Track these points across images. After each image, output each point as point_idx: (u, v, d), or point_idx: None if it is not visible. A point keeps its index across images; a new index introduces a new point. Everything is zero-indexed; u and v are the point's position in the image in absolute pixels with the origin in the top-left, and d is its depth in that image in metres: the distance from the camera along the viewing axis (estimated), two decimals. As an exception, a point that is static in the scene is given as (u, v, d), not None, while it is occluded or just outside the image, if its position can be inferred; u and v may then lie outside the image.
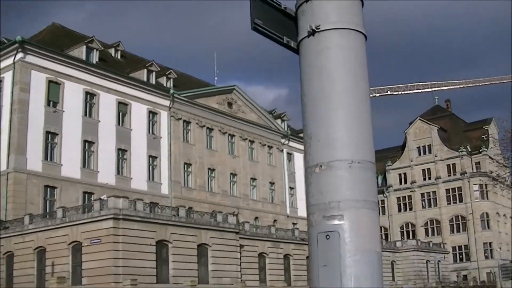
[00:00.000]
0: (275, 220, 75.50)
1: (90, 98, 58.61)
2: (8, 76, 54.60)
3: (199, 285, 45.13)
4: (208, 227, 48.42)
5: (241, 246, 53.06)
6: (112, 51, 69.08)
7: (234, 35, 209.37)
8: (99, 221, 41.36)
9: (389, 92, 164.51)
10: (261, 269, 56.32)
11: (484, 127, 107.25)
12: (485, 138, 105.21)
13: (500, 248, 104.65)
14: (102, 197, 45.48)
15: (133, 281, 34.63)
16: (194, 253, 46.69)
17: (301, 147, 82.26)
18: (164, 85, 67.52)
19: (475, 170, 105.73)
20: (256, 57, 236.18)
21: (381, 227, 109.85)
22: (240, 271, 51.46)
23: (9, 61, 54.45)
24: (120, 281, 34.55)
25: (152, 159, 63.27)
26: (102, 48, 63.31)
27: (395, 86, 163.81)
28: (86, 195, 53.76)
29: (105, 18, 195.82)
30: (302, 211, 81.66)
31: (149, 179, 62.38)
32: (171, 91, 65.89)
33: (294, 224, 77.71)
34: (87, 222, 41.99)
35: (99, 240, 41.01)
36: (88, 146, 57.50)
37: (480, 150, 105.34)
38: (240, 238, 52.75)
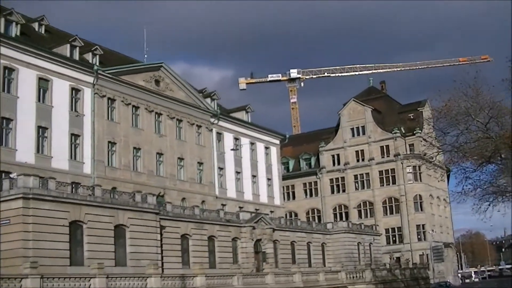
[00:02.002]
0: (203, 201, 74.61)
1: (8, 73, 56.36)
2: None
3: (117, 267, 44.19)
4: (125, 208, 47.38)
5: (163, 227, 52.19)
6: (36, 25, 66.94)
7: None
8: (8, 200, 39.99)
9: (325, 74, 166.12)
10: (185, 251, 55.64)
11: (418, 109, 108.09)
12: (412, 117, 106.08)
13: (433, 230, 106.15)
14: (11, 175, 43.99)
15: (33, 263, 33.24)
16: (111, 235, 45.62)
17: (232, 126, 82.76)
18: (90, 61, 65.57)
19: (408, 152, 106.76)
20: (199, 37, 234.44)
21: (313, 209, 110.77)
22: (162, 253, 50.57)
23: None
24: (32, 265, 33.17)
25: (75, 137, 61.28)
26: (24, 22, 61.04)
27: (332, 68, 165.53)
28: (3, 174, 51.39)
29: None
30: (231, 192, 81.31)
31: (71, 157, 60.36)
32: (95, 67, 63.96)
33: (223, 205, 77.08)
34: (-4, 202, 40.41)
35: (8, 221, 39.77)
36: (6, 123, 55.25)
37: (414, 132, 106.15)
38: (162, 219, 51.84)
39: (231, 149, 77.87)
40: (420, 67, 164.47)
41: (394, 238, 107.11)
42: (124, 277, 38.91)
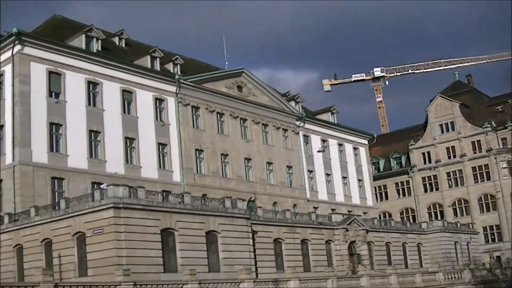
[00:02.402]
0: (294, 205, 74.70)
1: (93, 88, 58.25)
2: (8, 69, 54.43)
3: (210, 273, 44.63)
4: (216, 214, 47.64)
5: (255, 232, 52.25)
6: (116, 40, 68.91)
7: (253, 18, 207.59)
8: (100, 210, 40.93)
9: (410, 71, 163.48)
10: (278, 255, 55.45)
11: (508, 101, 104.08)
12: (502, 110, 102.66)
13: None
14: (101, 186, 45.16)
15: (126, 271, 34.07)
16: (203, 241, 46.00)
17: (318, 129, 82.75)
18: (171, 71, 66.89)
19: (501, 146, 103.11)
20: (280, 42, 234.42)
21: (407, 209, 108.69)
22: (255, 258, 50.73)
23: (8, 54, 54.29)
24: (125, 273, 33.99)
25: (162, 146, 62.77)
26: (104, 37, 62.81)
27: (416, 64, 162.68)
28: (95, 185, 52.97)
29: (109, 9, 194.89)
30: (322, 195, 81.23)
31: (160, 167, 61.90)
32: (177, 76, 65.25)
33: (315, 208, 76.98)
34: (88, 212, 41.57)
35: (101, 230, 40.62)
36: (94, 135, 57.17)
37: (506, 125, 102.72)
38: (253, 224, 51.91)
39: (318, 151, 77.58)
40: (506, 58, 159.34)
41: (492, 237, 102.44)
42: (216, 283, 39.14)
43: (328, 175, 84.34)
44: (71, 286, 32.00)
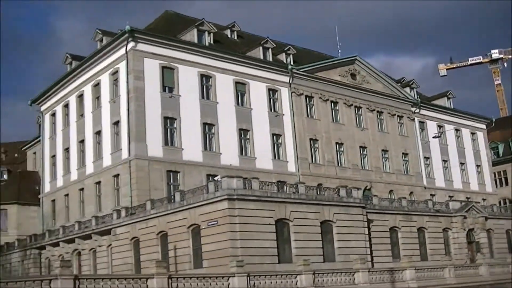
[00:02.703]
0: (411, 193, 72.72)
1: (206, 81, 58.53)
2: (122, 66, 55.64)
3: (325, 263, 43.88)
4: (331, 203, 46.74)
5: (370, 221, 51.07)
6: (228, 32, 69.05)
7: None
8: (214, 202, 40.80)
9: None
10: (394, 244, 53.92)
11: None
12: None
13: None
14: (216, 178, 45.12)
15: (240, 262, 33.73)
16: (318, 231, 45.22)
17: (434, 114, 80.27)
18: (284, 61, 66.35)
19: None
20: (394, 28, 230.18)
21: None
22: (370, 247, 49.59)
23: (122, 51, 55.45)
24: (239, 264, 33.74)
25: (276, 137, 62.52)
26: (215, 30, 62.96)
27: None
28: (210, 177, 53.16)
29: (220, 2, 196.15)
30: (439, 182, 78.89)
31: (275, 157, 61.69)
32: (290, 66, 64.65)
33: (432, 195, 74.88)
34: (203, 205, 41.55)
35: (215, 222, 40.55)
36: (208, 128, 57.46)
37: None
38: (368, 212, 50.65)
39: (434, 137, 75.30)
40: None
41: None
42: (330, 273, 38.28)
43: (445, 161, 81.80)
44: (184, 278, 31.78)
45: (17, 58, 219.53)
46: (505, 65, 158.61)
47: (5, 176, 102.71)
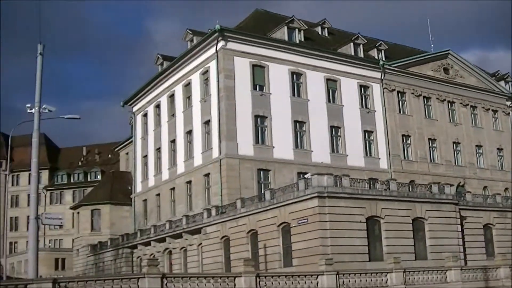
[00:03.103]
0: (506, 189, 70.16)
1: (296, 78, 57.97)
2: (213, 65, 55.72)
3: (417, 261, 42.54)
4: (422, 200, 45.25)
5: (463, 218, 49.33)
6: (318, 29, 68.16)
7: None
8: (305, 200, 40.09)
9: None
10: (488, 242, 51.89)
11: None
12: None
13: None
14: (306, 176, 44.37)
15: (329, 260, 32.90)
16: (409, 228, 43.85)
17: (532, 109, 76.93)
18: (375, 57, 65.11)
19: None
20: (490, 20, 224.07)
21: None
22: (463, 245, 47.86)
23: (212, 50, 55.55)
24: (328, 262, 32.98)
25: (368, 134, 61.40)
26: (306, 27, 62.12)
27: None
28: (300, 175, 52.38)
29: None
30: (537, 177, 75.79)
31: (366, 154, 60.63)
32: (381, 62, 63.40)
33: (529, 191, 72.16)
34: (293, 203, 40.91)
35: (306, 220, 39.84)
36: (299, 126, 56.89)
37: None
38: (461, 209, 48.93)
39: None
40: None
41: None
42: (421, 271, 37.07)
43: (542, 155, 78.42)
44: (272, 277, 31.21)
45: (113, 60, 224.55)
46: None
47: (99, 177, 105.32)
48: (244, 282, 29.32)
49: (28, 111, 29.17)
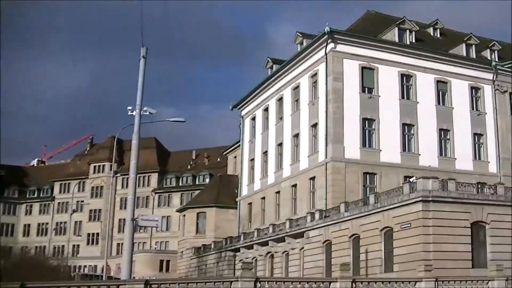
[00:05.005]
0: None
1: (406, 80, 56.84)
2: (321, 68, 55.52)
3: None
4: (531, 206, 43.28)
5: None
6: (430, 30, 66.50)
7: None
8: (409, 204, 39.11)
9: None
10: None
11: None
12: None
13: None
14: (411, 179, 43.31)
15: (427, 266, 31.86)
16: (516, 235, 42.01)
17: None
18: (488, 58, 62.72)
19: None
20: None
21: None
22: None
23: (321, 53, 55.40)
24: (427, 269, 31.92)
25: (478, 137, 59.30)
26: (417, 28, 60.74)
27: None
28: (407, 179, 51.13)
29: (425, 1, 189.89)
30: None
31: (475, 158, 58.58)
32: (493, 63, 60.99)
33: None
34: (397, 207, 40.06)
35: (409, 225, 38.89)
36: (408, 129, 55.73)
37: None
38: None
39: None
40: None
41: None
42: (524, 280, 35.53)
43: None
44: (369, 282, 30.59)
45: (226, 63, 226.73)
46: None
47: (207, 180, 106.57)
48: (340, 287, 28.76)
49: (129, 113, 29.40)
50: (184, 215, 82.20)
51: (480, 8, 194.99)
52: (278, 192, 61.14)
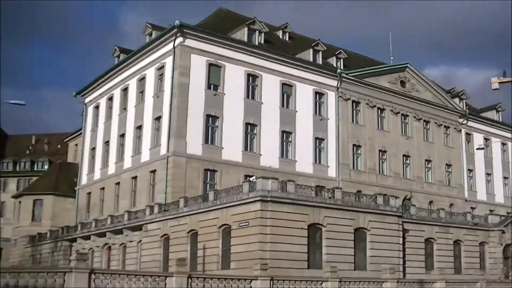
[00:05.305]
0: (451, 204, 70.97)
1: (252, 80, 57.47)
2: (169, 61, 54.94)
3: (356, 271, 42.23)
4: (366, 210, 45.02)
5: (406, 230, 49.49)
6: (280, 33, 67.83)
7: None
8: (247, 203, 39.45)
9: None
10: (428, 256, 52.31)
11: None
12: None
13: None
14: (251, 179, 43.80)
15: (263, 265, 32.26)
16: (351, 238, 43.49)
17: (481, 127, 77.83)
18: (334, 65, 64.80)
19: None
20: (452, 39, 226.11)
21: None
22: (404, 258, 47.81)
23: (170, 46, 54.83)
24: (263, 267, 32.36)
25: (319, 141, 61.09)
26: (267, 30, 61.80)
27: None
28: (247, 178, 51.81)
29: (275, 3, 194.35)
30: (481, 195, 77.26)
31: (315, 161, 60.29)
32: (339, 70, 63.11)
33: (472, 208, 73.09)
34: (236, 205, 40.31)
35: (247, 223, 39.24)
36: (251, 128, 56.37)
37: None
38: (405, 222, 49.04)
39: (477, 148, 73.25)
40: None
41: None
42: (358, 281, 36.76)
43: (488, 174, 79.95)
44: (204, 278, 30.47)
45: (75, 48, 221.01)
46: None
47: (46, 167, 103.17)
48: (175, 282, 28.53)
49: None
50: (20, 202, 78.97)
51: (332, 17, 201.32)
52: (118, 183, 60.04)
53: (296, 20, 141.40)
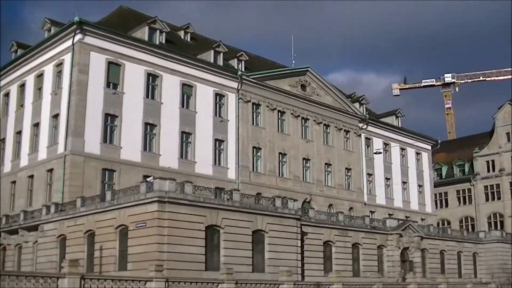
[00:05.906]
0: (351, 208, 72.62)
1: (152, 80, 57.29)
2: (67, 58, 53.98)
3: (254, 273, 42.90)
4: (265, 213, 45.83)
5: (305, 233, 50.57)
6: (181, 33, 67.94)
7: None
8: (145, 204, 39.59)
9: (481, 78, 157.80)
10: (327, 259, 53.62)
11: None
12: None
13: None
14: (148, 179, 43.84)
15: (158, 266, 32.33)
16: (249, 240, 44.23)
17: (381, 132, 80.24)
18: (236, 67, 65.41)
19: None
20: (355, 45, 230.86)
21: (467, 217, 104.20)
22: (303, 260, 48.84)
23: (69, 43, 53.84)
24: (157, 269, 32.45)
25: (219, 142, 61.51)
26: (168, 30, 61.79)
27: (488, 72, 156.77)
28: (145, 179, 51.77)
29: (179, 3, 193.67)
30: (380, 199, 79.18)
31: (215, 163, 60.66)
32: (239, 72, 63.69)
33: (372, 212, 75.18)
34: (133, 205, 40.37)
35: (144, 224, 39.39)
36: (150, 128, 56.19)
37: None
38: (304, 225, 50.18)
39: (375, 153, 75.63)
40: None
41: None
42: (254, 283, 37.00)
43: (387, 179, 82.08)
44: (98, 279, 30.32)
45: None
46: (457, 89, 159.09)
47: None
48: (68, 283, 28.15)
49: None
50: None
51: (234, 19, 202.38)
52: (14, 182, 58.53)
53: (199, 21, 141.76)
